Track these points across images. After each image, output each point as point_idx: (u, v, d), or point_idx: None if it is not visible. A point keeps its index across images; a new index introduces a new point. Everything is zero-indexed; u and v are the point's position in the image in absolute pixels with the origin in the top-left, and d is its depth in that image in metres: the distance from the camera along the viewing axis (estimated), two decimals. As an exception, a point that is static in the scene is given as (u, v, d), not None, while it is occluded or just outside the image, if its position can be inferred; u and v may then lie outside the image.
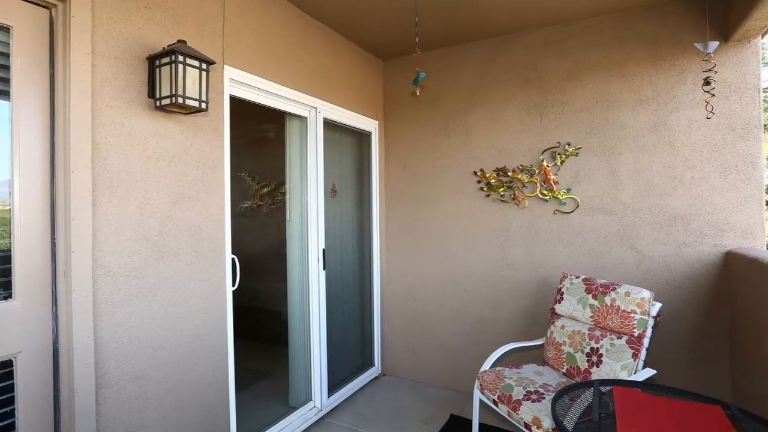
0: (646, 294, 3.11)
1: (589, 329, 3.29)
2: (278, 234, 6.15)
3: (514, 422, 2.88)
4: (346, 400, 4.33)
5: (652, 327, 3.07)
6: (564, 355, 3.31)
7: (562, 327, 3.45)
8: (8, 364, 2.00)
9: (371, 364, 4.93)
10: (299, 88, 3.67)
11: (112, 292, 2.26)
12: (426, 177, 4.77)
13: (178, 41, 2.45)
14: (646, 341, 3.04)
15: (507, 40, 4.30)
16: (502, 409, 2.98)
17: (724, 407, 2.22)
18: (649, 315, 3.06)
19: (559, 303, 3.55)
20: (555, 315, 3.59)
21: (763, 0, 2.70)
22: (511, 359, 4.12)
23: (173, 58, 2.34)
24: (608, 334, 3.18)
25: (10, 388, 2.01)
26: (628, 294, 3.17)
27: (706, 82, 3.23)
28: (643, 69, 3.71)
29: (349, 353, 4.58)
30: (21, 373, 2.03)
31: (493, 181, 4.33)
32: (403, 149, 4.92)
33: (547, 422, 2.62)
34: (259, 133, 6.43)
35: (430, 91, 4.71)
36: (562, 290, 3.57)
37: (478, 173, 4.42)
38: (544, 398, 2.85)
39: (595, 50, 3.89)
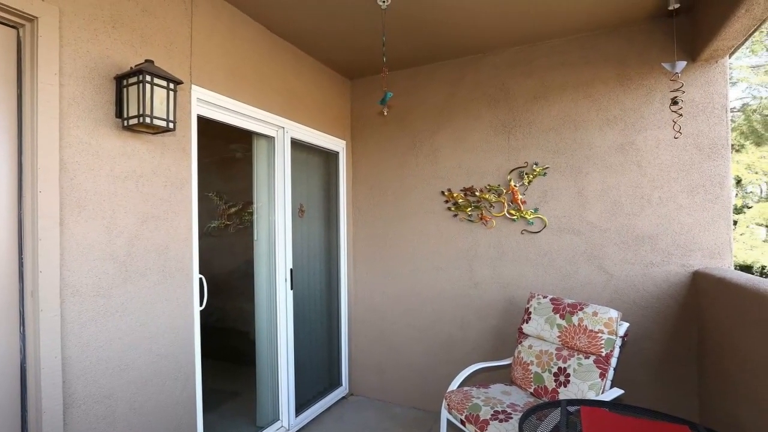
0: (614, 314, 3.27)
1: (557, 349, 3.44)
2: (246, 254, 6.30)
3: (481, 441, 3.03)
4: (313, 420, 4.47)
5: (620, 347, 3.22)
6: (531, 375, 3.47)
7: (530, 347, 3.60)
8: (-25, 384, 2.09)
9: (339, 383, 5.07)
10: (267, 108, 3.83)
11: (79, 312, 2.38)
12: (393, 197, 4.92)
13: (146, 61, 2.58)
14: (613, 361, 3.18)
15: (474, 60, 4.49)
16: (470, 429, 3.11)
17: (691, 427, 2.30)
18: (616, 335, 3.21)
19: (527, 323, 3.71)
20: (522, 335, 3.75)
21: (730, 20, 2.84)
22: (478, 379, 4.29)
23: (141, 77, 2.46)
24: (576, 353, 3.32)
25: (-24, 409, 2.10)
26: (595, 314, 3.32)
27: (674, 102, 3.30)
28: (610, 89, 3.88)
29: (316, 373, 4.72)
30: (-13, 393, 2.13)
31: (460, 200, 4.50)
32: (370, 169, 5.08)
33: (514, 441, 2.77)
34: (226, 153, 6.60)
35: (398, 110, 4.87)
36: (530, 310, 3.73)
37: (446, 193, 4.59)
38: (511, 418, 2.98)
39: (562, 70, 4.08)
